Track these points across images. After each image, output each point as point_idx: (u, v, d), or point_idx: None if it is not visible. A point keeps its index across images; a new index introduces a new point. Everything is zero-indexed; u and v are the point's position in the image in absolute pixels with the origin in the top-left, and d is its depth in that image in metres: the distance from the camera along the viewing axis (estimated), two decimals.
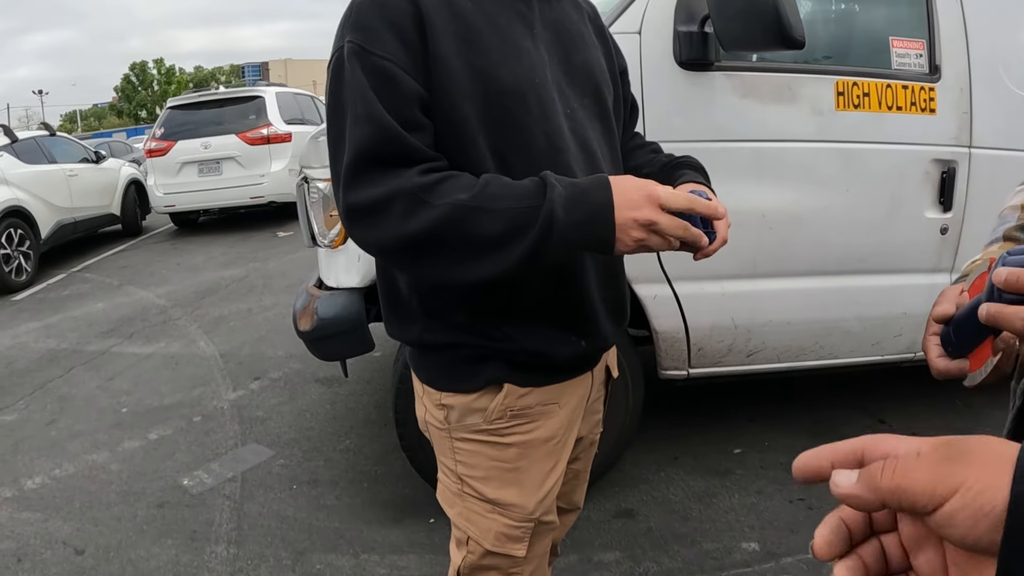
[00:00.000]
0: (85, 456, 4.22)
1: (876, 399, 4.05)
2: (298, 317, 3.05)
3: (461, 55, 1.30)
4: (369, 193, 1.25)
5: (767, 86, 2.92)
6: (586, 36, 1.55)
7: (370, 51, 1.26)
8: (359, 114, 1.26)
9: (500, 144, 1.34)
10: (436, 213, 1.21)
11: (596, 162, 1.46)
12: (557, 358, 1.47)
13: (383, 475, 3.65)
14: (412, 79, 1.27)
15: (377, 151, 1.25)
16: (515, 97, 1.34)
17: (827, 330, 3.29)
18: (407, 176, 1.24)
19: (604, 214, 1.22)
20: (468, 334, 1.43)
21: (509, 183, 1.25)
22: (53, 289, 9.06)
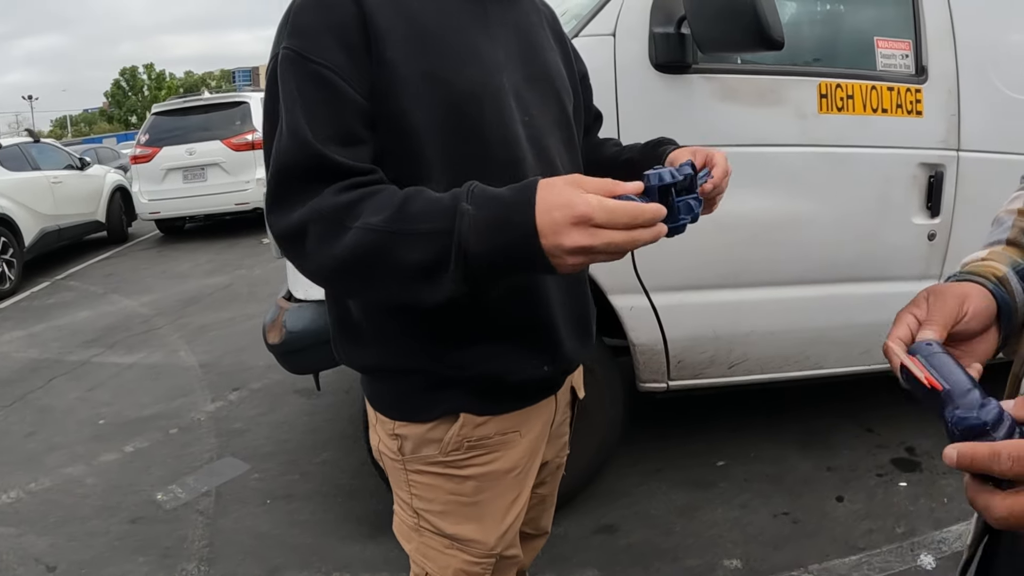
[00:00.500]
0: (62, 469, 4.14)
1: (864, 407, 3.97)
2: (267, 330, 2.97)
3: (410, 59, 1.21)
4: (289, 217, 1.15)
5: (747, 89, 2.84)
6: (544, 39, 1.46)
7: (307, 57, 1.17)
8: (283, 127, 1.17)
9: (453, 154, 1.24)
10: (354, 237, 1.08)
11: (556, 172, 1.37)
12: (517, 384, 1.37)
13: (358, 490, 3.57)
14: (352, 88, 1.18)
15: (297, 168, 1.15)
16: (470, 103, 1.25)
17: (812, 340, 3.21)
18: (325, 195, 1.12)
19: (526, 243, 1.00)
20: (420, 360, 1.33)
21: (430, 200, 1.08)
22: (37, 297, 8.98)
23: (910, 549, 2.84)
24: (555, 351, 1.40)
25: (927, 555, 2.79)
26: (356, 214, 1.09)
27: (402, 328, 1.32)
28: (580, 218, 0.96)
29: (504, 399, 1.39)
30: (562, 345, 1.41)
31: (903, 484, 3.28)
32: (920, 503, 3.13)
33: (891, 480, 3.32)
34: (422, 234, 1.04)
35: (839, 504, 3.17)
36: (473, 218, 1.01)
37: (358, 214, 1.09)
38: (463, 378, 1.33)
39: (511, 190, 1.04)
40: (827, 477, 3.38)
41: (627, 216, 0.97)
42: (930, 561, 2.75)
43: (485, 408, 1.37)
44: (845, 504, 3.16)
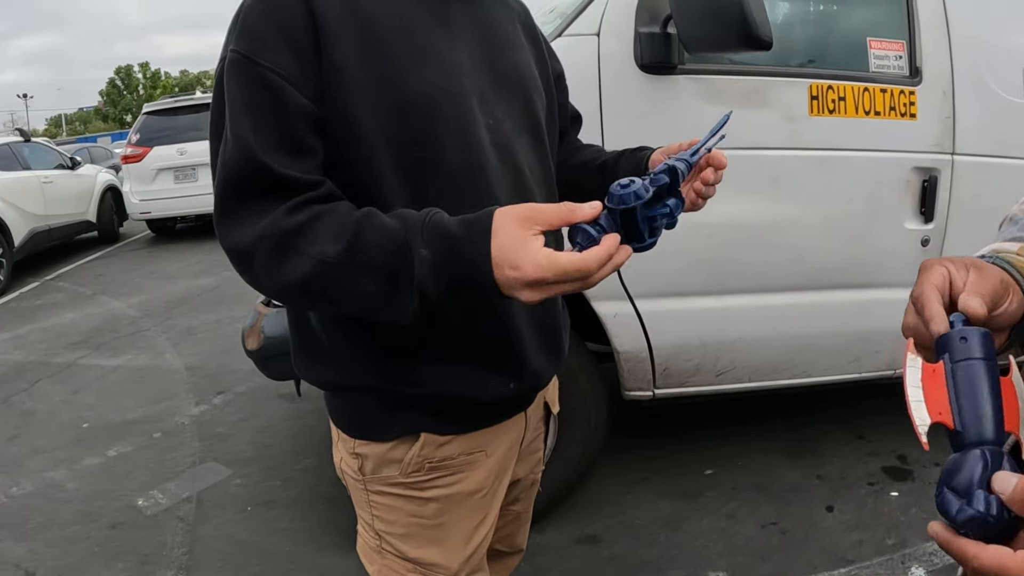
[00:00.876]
0: (44, 474, 4.09)
1: (855, 414, 3.92)
2: (246, 335, 2.91)
3: (362, 62, 1.15)
4: (237, 234, 1.10)
5: (735, 90, 2.78)
6: (514, 38, 1.39)
7: (255, 61, 1.11)
8: (228, 136, 1.11)
9: (408, 162, 1.18)
10: (305, 265, 1.06)
11: (523, 179, 1.31)
12: (481, 403, 1.31)
13: (339, 498, 3.47)
14: (300, 93, 1.11)
15: (244, 181, 1.10)
16: (424, 108, 1.18)
17: (802, 347, 3.14)
18: (274, 216, 1.08)
19: (483, 287, 1.02)
20: (379, 377, 1.27)
21: (383, 229, 1.06)
22: (26, 298, 8.91)
23: (901, 561, 2.78)
24: (521, 368, 1.33)
25: (918, 568, 2.73)
26: (308, 239, 1.07)
27: (359, 345, 1.26)
28: (531, 282, 0.98)
29: (468, 418, 1.33)
30: (529, 362, 1.34)
31: (895, 494, 3.23)
32: (912, 513, 3.07)
33: (882, 489, 3.27)
34: (378, 267, 1.04)
35: (828, 514, 3.11)
36: (430, 263, 1.02)
37: (310, 239, 1.07)
38: (422, 396, 1.27)
39: (466, 229, 1.03)
40: (816, 486, 3.33)
41: (578, 272, 0.97)
42: (921, 574, 2.70)
43: (447, 427, 1.31)
44: (835, 514, 3.11)
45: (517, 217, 1.00)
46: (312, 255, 1.05)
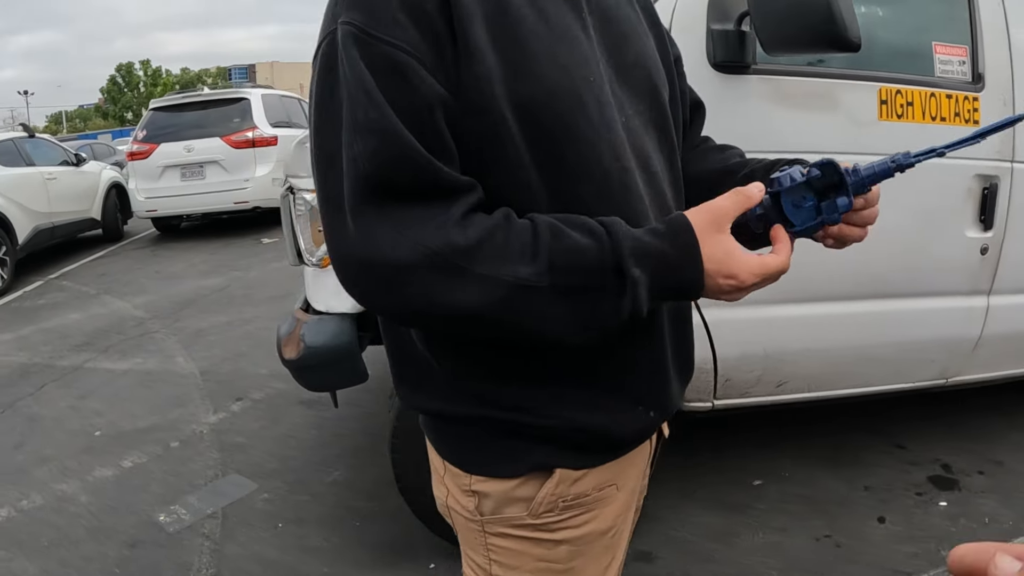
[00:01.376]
0: (54, 486, 3.92)
1: (892, 422, 3.83)
2: (282, 344, 2.74)
3: (496, 46, 0.98)
4: (383, 246, 0.93)
5: (805, 92, 2.64)
6: (635, 23, 1.22)
7: (375, 35, 0.93)
8: (361, 122, 0.94)
9: (550, 164, 1.02)
10: (486, 289, 0.93)
11: (657, 183, 1.16)
12: (622, 435, 1.17)
13: (375, 512, 3.35)
14: (434, 78, 0.95)
15: (390, 177, 0.93)
16: (569, 101, 1.02)
17: (862, 357, 3.05)
18: (442, 227, 0.93)
19: (694, 292, 1.03)
20: (507, 407, 1.11)
21: (576, 245, 0.96)
22: (28, 298, 8.74)
23: None
24: (662, 395, 1.20)
25: None
26: (490, 258, 0.94)
27: (483, 370, 1.10)
28: (747, 288, 1.02)
29: (603, 449, 1.17)
30: (670, 387, 1.21)
31: (943, 504, 3.18)
32: (961, 524, 3.02)
33: (930, 500, 3.21)
34: (582, 290, 0.97)
35: (880, 526, 3.05)
36: (646, 285, 0.99)
37: (493, 258, 0.94)
38: (560, 429, 1.11)
39: (671, 243, 1.01)
40: (864, 497, 3.26)
41: (780, 272, 1.04)
42: None
43: (583, 461, 1.15)
44: (886, 526, 3.05)
45: (710, 222, 1.01)
46: (498, 278, 0.93)
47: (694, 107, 1.47)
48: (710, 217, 1.02)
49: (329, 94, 0.98)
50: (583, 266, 0.95)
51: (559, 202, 1.02)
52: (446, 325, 0.99)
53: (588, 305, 0.97)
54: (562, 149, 1.03)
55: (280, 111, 12.28)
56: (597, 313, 0.98)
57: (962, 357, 3.18)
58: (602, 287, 0.96)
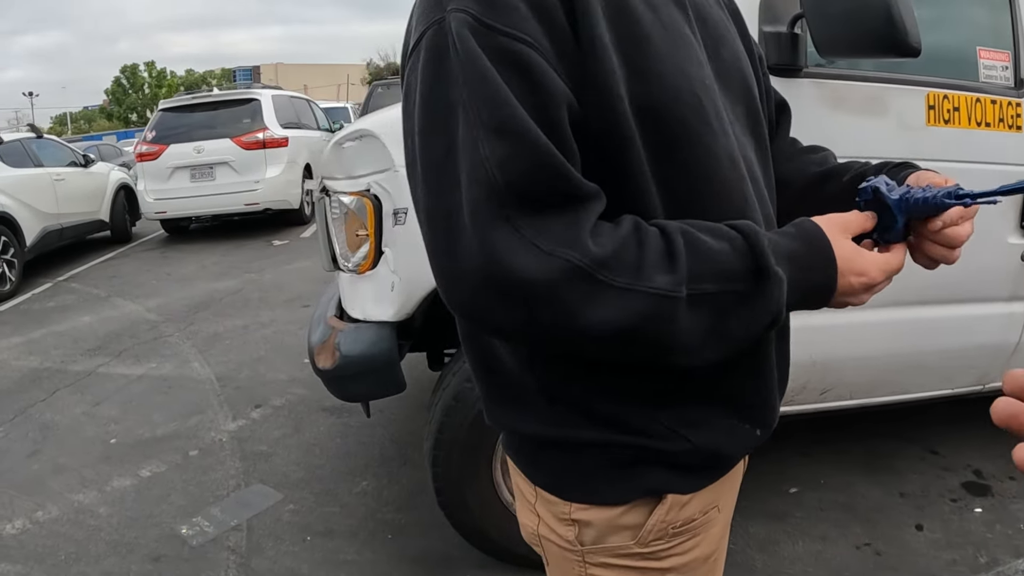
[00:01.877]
0: (70, 496, 3.83)
1: (922, 427, 3.81)
2: (316, 352, 2.66)
3: (617, 44, 0.91)
4: (517, 261, 0.83)
5: (857, 96, 2.59)
6: (726, 22, 1.15)
7: (494, 26, 0.85)
8: (488, 122, 0.84)
9: (672, 172, 0.95)
10: (625, 304, 0.85)
11: (760, 191, 1.10)
12: (730, 455, 1.11)
13: (408, 524, 3.27)
14: (558, 74, 0.87)
15: (525, 186, 0.84)
16: (691, 105, 0.95)
17: (904, 365, 3.05)
18: (575, 236, 0.84)
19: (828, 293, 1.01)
20: (615, 429, 1.03)
21: (710, 250, 0.90)
22: (37, 300, 8.66)
23: None
24: (768, 413, 1.14)
25: None
26: (624, 267, 0.85)
27: (585, 389, 1.03)
28: (876, 285, 1.02)
29: (710, 470, 1.11)
30: (775, 406, 1.15)
31: (978, 510, 3.16)
32: (997, 530, 3.02)
33: (965, 506, 3.20)
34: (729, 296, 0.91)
35: (919, 533, 3.03)
36: (790, 287, 0.95)
37: (628, 267, 0.86)
38: (673, 452, 1.04)
39: (804, 244, 0.99)
40: (901, 504, 3.24)
41: (899, 269, 1.05)
42: None
43: (692, 483, 1.09)
44: (924, 533, 3.03)
45: (837, 226, 1.01)
46: (637, 289, 0.85)
47: (779, 107, 1.41)
48: (835, 222, 1.01)
49: (439, 90, 0.89)
50: (722, 271, 0.90)
51: (679, 212, 0.95)
52: (577, 344, 0.90)
53: (729, 315, 0.91)
54: (684, 156, 0.96)
55: (290, 112, 12.24)
56: (738, 324, 0.92)
57: (1000, 363, 3.16)
58: (743, 293, 0.91)
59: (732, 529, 2.94)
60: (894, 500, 3.26)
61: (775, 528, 3.10)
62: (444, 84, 0.88)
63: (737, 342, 0.94)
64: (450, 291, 0.90)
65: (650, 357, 0.92)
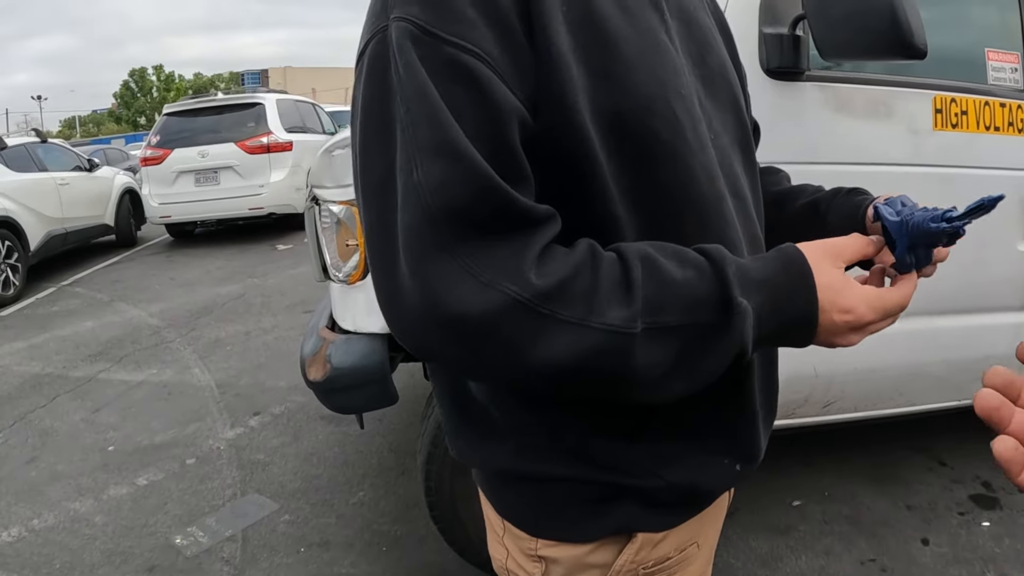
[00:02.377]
0: (67, 504, 3.80)
1: (930, 436, 3.73)
2: (307, 364, 2.61)
3: (580, 50, 0.84)
4: (453, 294, 0.76)
5: (861, 100, 2.51)
6: (712, 29, 1.08)
7: (439, 35, 0.78)
8: (423, 143, 0.77)
9: (642, 191, 0.88)
10: (573, 341, 0.77)
11: (747, 210, 1.03)
12: (710, 491, 1.03)
13: (404, 536, 3.22)
14: (509, 88, 0.79)
15: (461, 212, 0.76)
16: (664, 116, 0.88)
17: (911, 376, 2.94)
18: (517, 266, 0.77)
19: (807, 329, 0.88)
20: (582, 463, 0.96)
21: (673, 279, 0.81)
22: (41, 304, 8.64)
23: None
24: (752, 446, 1.05)
25: None
26: (579, 301, 0.78)
27: (553, 422, 0.96)
28: (863, 325, 0.90)
29: (687, 507, 1.03)
30: (759, 438, 1.06)
31: (986, 524, 3.08)
32: (1005, 544, 2.94)
33: (973, 519, 3.12)
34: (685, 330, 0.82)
35: (925, 547, 2.95)
36: (755, 323, 0.85)
37: (583, 301, 0.78)
38: (646, 488, 0.97)
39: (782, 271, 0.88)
40: (907, 518, 3.16)
41: (900, 308, 0.92)
42: None
43: (666, 521, 1.01)
44: (930, 548, 2.95)
45: (826, 253, 0.90)
46: (587, 324, 0.77)
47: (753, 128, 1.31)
48: (824, 249, 0.90)
49: (379, 106, 0.82)
50: (683, 302, 0.81)
51: (651, 235, 0.88)
52: (524, 382, 0.83)
53: (690, 349, 0.82)
54: (656, 173, 0.88)
55: (295, 116, 12.21)
56: (700, 358, 0.83)
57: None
58: (709, 325, 0.82)
59: (733, 544, 2.94)
60: (900, 513, 3.19)
61: (778, 543, 3.03)
62: (383, 101, 0.81)
63: (704, 378, 0.85)
64: (391, 323, 0.83)
65: (608, 395, 0.85)
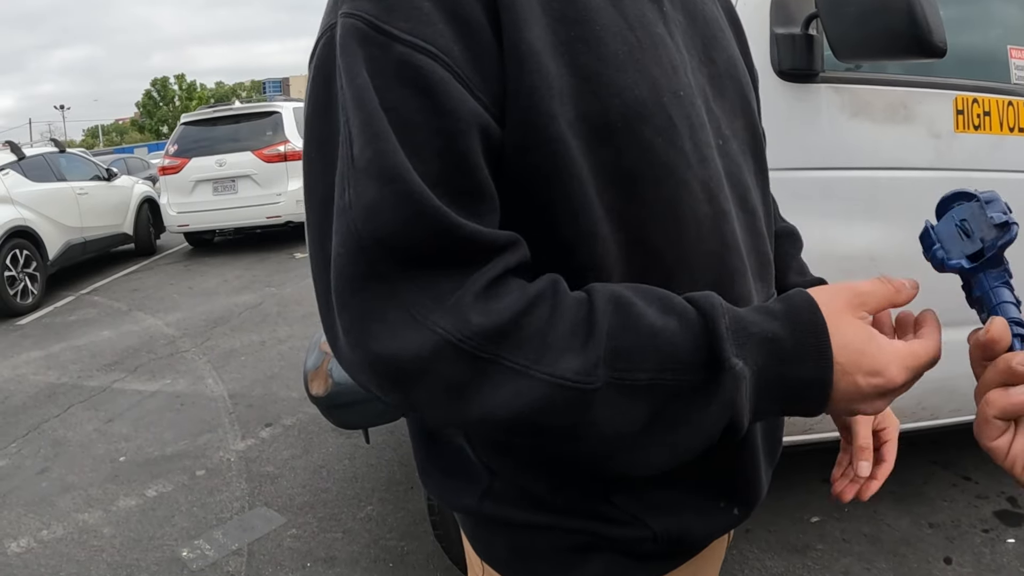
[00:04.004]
0: (76, 515, 3.77)
1: (951, 449, 3.60)
2: (309, 379, 2.55)
3: (560, 50, 0.75)
4: (383, 333, 0.68)
5: (880, 102, 2.42)
6: (721, 23, 0.97)
7: (389, 32, 0.70)
8: (357, 160, 0.69)
9: (627, 209, 0.79)
10: (519, 390, 0.67)
11: (756, 227, 0.93)
12: (703, 537, 0.93)
13: (411, 553, 3.14)
14: (472, 93, 0.71)
15: (393, 242, 0.68)
16: (655, 123, 0.78)
17: (934, 389, 2.76)
18: (458, 301, 0.68)
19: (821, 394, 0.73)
20: (560, 511, 0.86)
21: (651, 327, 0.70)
22: (59, 313, 8.66)
23: None
24: (751, 491, 0.95)
25: None
26: (526, 345, 0.68)
27: (535, 464, 0.86)
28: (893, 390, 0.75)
29: (677, 554, 0.93)
30: (760, 482, 0.96)
31: (1011, 541, 2.96)
32: None
33: (998, 536, 2.99)
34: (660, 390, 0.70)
35: (947, 567, 2.83)
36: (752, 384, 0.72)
37: (531, 346, 0.68)
38: (631, 539, 0.87)
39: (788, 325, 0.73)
40: (929, 536, 3.04)
41: (932, 365, 0.78)
42: None
43: (653, 569, 0.91)
44: (954, 567, 2.83)
45: (847, 302, 0.75)
46: (538, 374, 0.67)
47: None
48: (844, 297, 0.76)
49: (321, 119, 0.75)
50: (660, 355, 0.69)
51: (637, 258, 0.79)
52: (479, 430, 0.77)
53: (667, 414, 0.71)
54: (643, 189, 0.78)
55: None
56: (679, 426, 0.72)
57: None
58: (687, 386, 0.70)
59: (748, 563, 2.86)
60: (923, 531, 3.07)
61: (794, 562, 2.93)
62: (326, 112, 0.74)
63: (686, 451, 0.74)
64: (334, 353, 0.75)
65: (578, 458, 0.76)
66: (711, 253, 0.83)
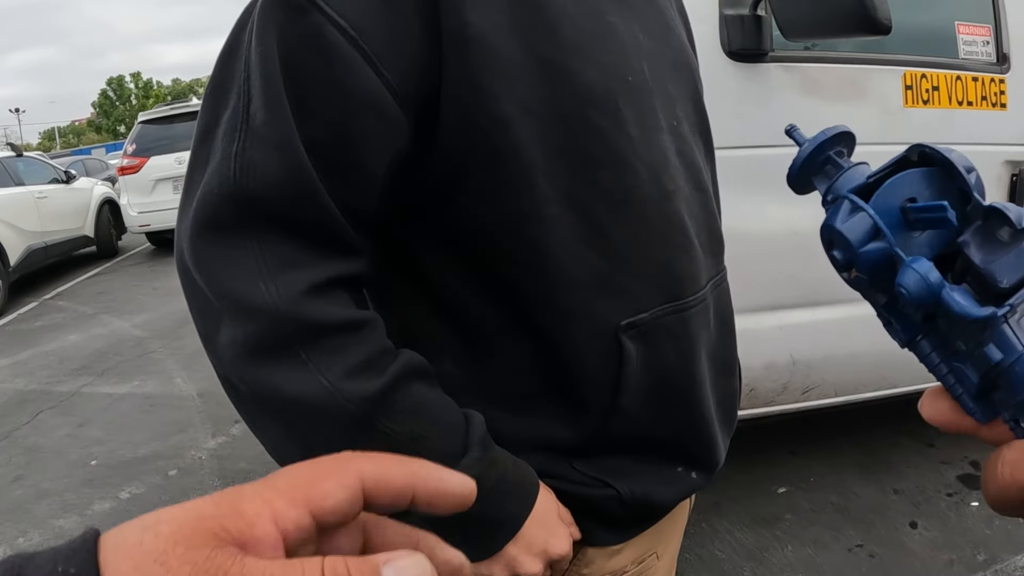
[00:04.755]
0: (53, 521, 3.76)
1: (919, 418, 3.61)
2: None
3: (517, 32, 0.76)
4: (226, 276, 0.73)
5: (830, 80, 2.48)
6: (670, 10, 1.00)
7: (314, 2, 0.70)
8: (254, 120, 0.72)
9: (578, 187, 0.81)
10: (305, 386, 0.73)
11: (708, 204, 0.97)
12: (663, 502, 0.96)
13: None
14: (376, 71, 0.72)
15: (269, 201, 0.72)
16: (603, 108, 0.80)
17: (891, 359, 2.86)
18: (293, 286, 0.72)
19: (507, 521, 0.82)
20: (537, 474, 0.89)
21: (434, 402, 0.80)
22: (24, 320, 8.55)
23: None
24: (709, 455, 1.00)
25: None
26: (328, 352, 0.74)
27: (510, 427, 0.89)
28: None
29: (640, 519, 0.96)
30: (716, 448, 1.01)
31: (975, 504, 3.04)
32: (995, 525, 2.90)
33: (962, 500, 3.08)
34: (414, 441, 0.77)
35: (914, 532, 2.91)
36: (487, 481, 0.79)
37: (330, 353, 0.74)
38: (595, 499, 0.91)
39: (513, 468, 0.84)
40: (895, 502, 3.12)
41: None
42: None
43: (617, 535, 0.94)
44: (919, 531, 2.91)
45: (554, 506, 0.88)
46: (322, 380, 0.73)
47: None
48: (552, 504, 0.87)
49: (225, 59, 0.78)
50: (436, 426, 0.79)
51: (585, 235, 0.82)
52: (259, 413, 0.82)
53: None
54: (592, 172, 0.81)
55: None
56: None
57: None
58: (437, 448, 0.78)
59: (719, 536, 2.91)
60: (889, 498, 3.15)
61: (764, 534, 2.99)
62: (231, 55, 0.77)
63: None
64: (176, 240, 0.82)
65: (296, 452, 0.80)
66: (657, 233, 0.86)
